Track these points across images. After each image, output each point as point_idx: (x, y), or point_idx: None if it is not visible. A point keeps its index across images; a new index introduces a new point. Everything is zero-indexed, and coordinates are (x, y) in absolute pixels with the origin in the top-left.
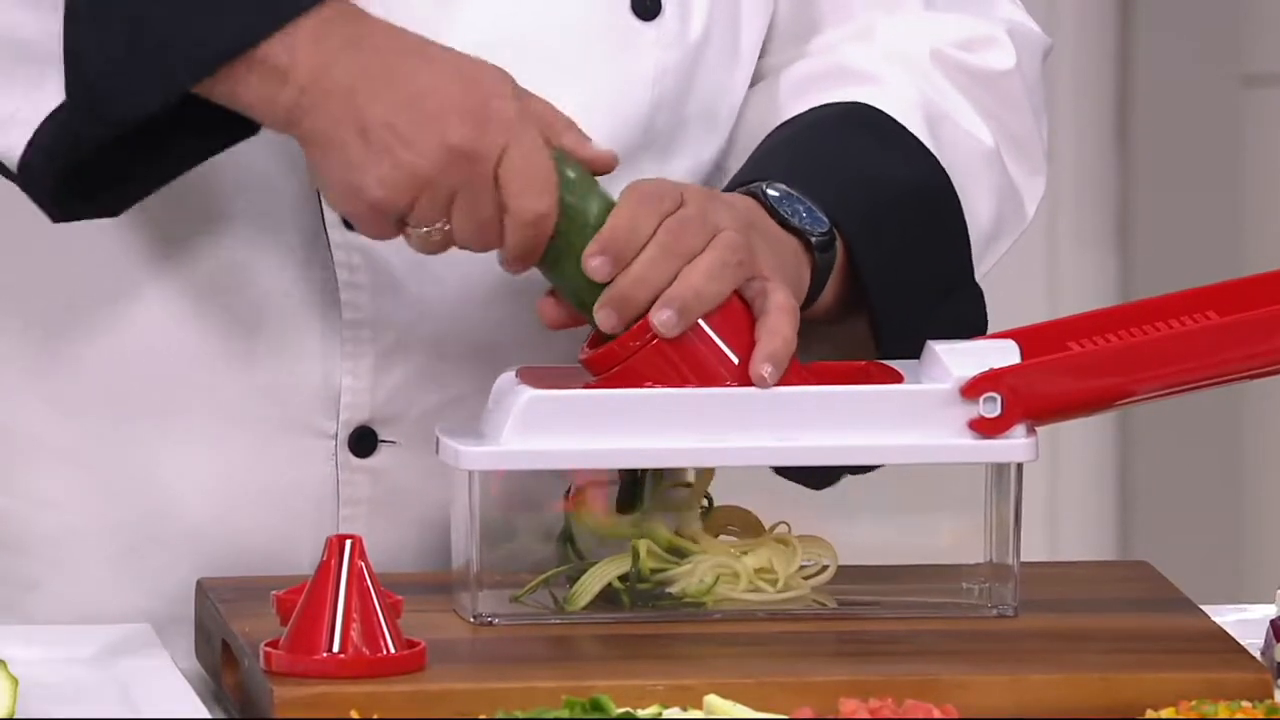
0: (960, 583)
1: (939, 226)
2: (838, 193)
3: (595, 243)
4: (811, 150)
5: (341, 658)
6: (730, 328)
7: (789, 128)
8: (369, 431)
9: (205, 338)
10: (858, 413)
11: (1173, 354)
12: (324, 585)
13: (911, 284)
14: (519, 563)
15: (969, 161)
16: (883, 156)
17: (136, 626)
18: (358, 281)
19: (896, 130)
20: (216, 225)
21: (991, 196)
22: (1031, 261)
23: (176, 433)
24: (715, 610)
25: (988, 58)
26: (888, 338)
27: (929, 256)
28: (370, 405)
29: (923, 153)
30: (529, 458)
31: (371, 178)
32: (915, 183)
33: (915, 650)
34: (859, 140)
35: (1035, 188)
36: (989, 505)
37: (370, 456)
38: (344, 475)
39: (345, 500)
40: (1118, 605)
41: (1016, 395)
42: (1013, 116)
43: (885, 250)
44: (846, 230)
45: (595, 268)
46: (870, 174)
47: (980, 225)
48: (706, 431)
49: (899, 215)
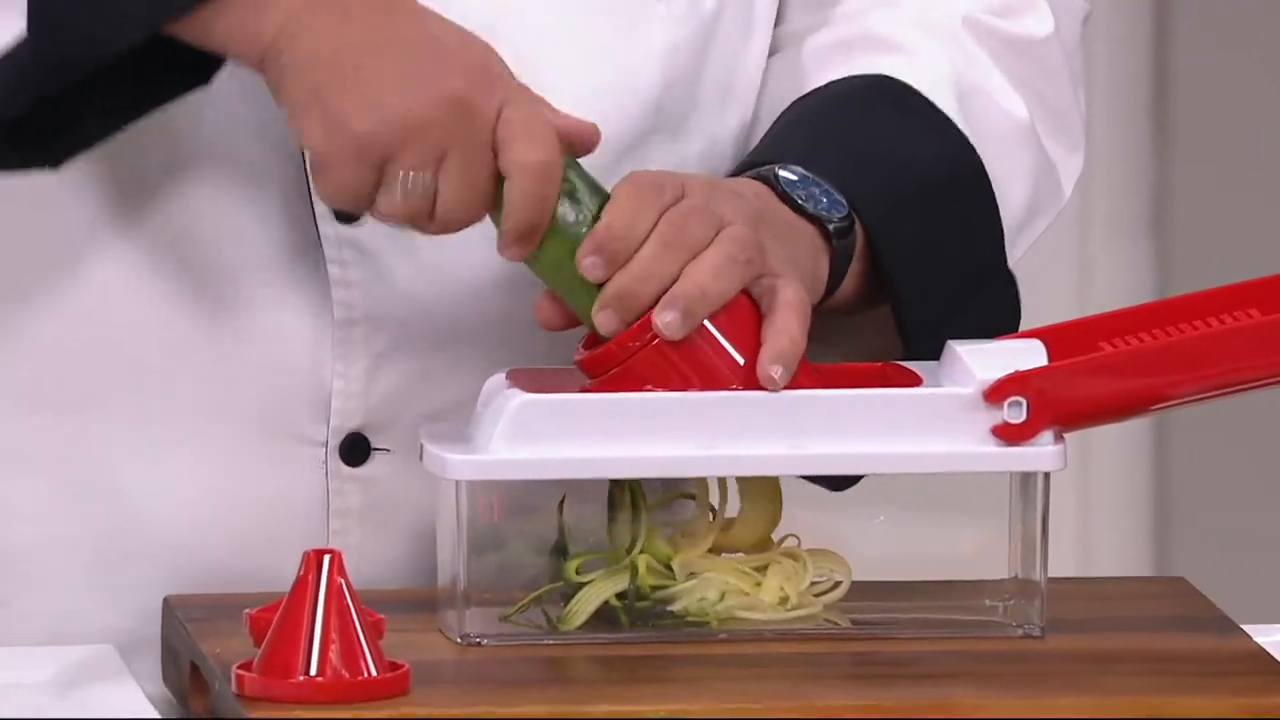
0: (983, 600)
1: (969, 211)
2: (857, 173)
3: (589, 241)
4: (830, 127)
5: (319, 681)
6: (737, 327)
7: (807, 102)
8: (361, 438)
9: (184, 337)
10: (873, 418)
11: (1213, 355)
12: (300, 603)
13: (938, 273)
14: (509, 579)
15: (1003, 139)
16: (908, 134)
17: (99, 648)
18: (350, 278)
19: (924, 106)
20: (195, 217)
21: (1026, 176)
22: (1060, 254)
23: (151, 439)
24: (720, 630)
25: (1025, 23)
26: (913, 332)
27: (958, 243)
28: (363, 410)
29: (953, 131)
30: (520, 467)
31: (359, 110)
32: (943, 164)
33: (934, 673)
34: (882, 117)
35: (1073, 165)
36: (1014, 517)
37: (362, 465)
38: (334, 485)
39: (335, 512)
40: (1152, 625)
41: (1043, 399)
42: (1050, 88)
43: (909, 236)
44: (867, 215)
45: (589, 268)
46: (894, 154)
47: (1013, 208)
48: (711, 438)
49: (925, 198)
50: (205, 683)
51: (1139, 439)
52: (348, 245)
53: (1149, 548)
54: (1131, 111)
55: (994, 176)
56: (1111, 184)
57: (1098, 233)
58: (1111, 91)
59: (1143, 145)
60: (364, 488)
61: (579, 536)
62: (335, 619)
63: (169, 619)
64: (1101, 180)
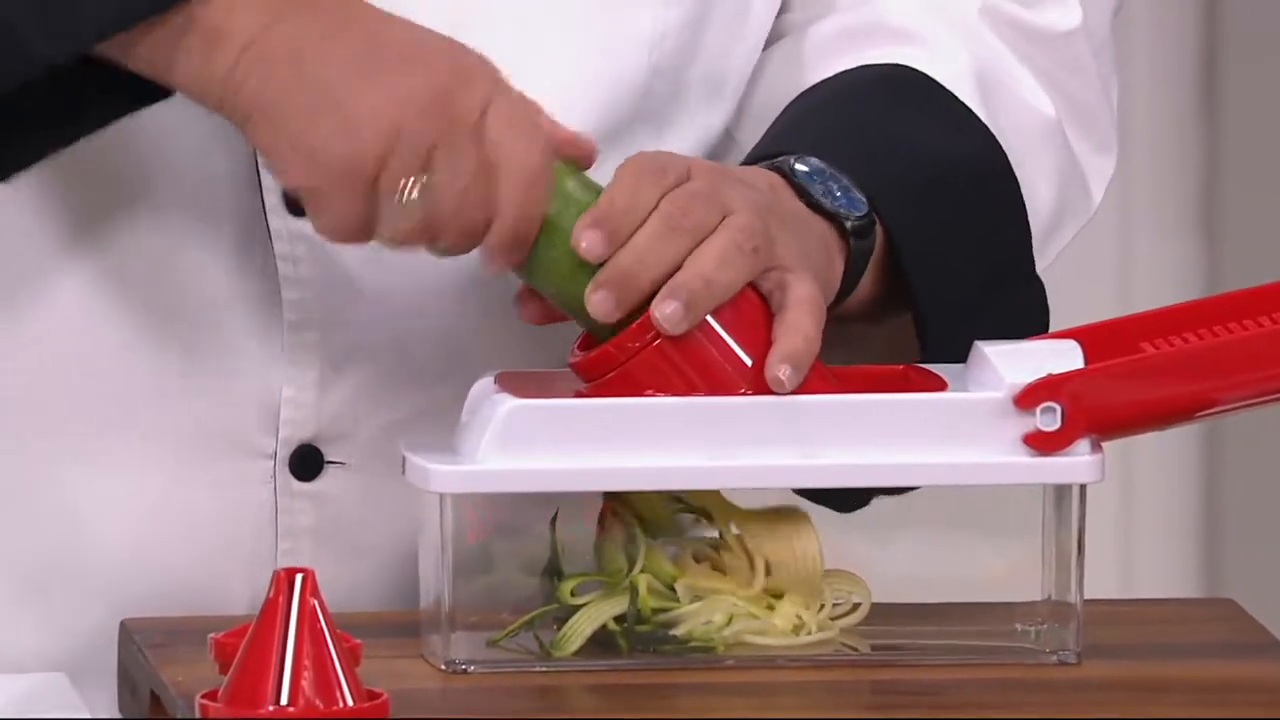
0: (1014, 624)
1: (994, 209)
2: (875, 167)
3: (588, 215)
4: (844, 119)
5: (291, 712)
6: (744, 325)
7: (816, 94)
8: (313, 450)
9: (122, 341)
10: (894, 425)
11: (1264, 356)
12: (270, 627)
13: (961, 275)
14: (498, 601)
15: (1027, 136)
16: (929, 128)
17: (49, 676)
18: (302, 276)
19: (945, 98)
20: (134, 209)
21: (1053, 177)
22: (1100, 249)
23: (89, 451)
24: (728, 656)
25: (1049, 15)
26: (933, 338)
27: (982, 244)
28: (315, 420)
29: (975, 124)
30: (510, 478)
31: (332, 136)
32: (966, 158)
33: (960, 703)
34: (901, 109)
35: (1103, 167)
36: (1047, 534)
37: (315, 480)
38: (283, 502)
39: (285, 531)
40: (1200, 651)
41: (1079, 405)
42: (1078, 84)
43: (930, 235)
44: (886, 213)
45: (587, 245)
46: (914, 148)
47: (1040, 211)
48: (717, 447)
49: (947, 196)
50: (167, 713)
51: (1185, 448)
52: (299, 240)
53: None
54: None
55: (1020, 176)
56: (1156, 176)
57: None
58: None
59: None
60: (316, 504)
61: (574, 555)
62: (308, 644)
63: (126, 644)
64: (1145, 172)
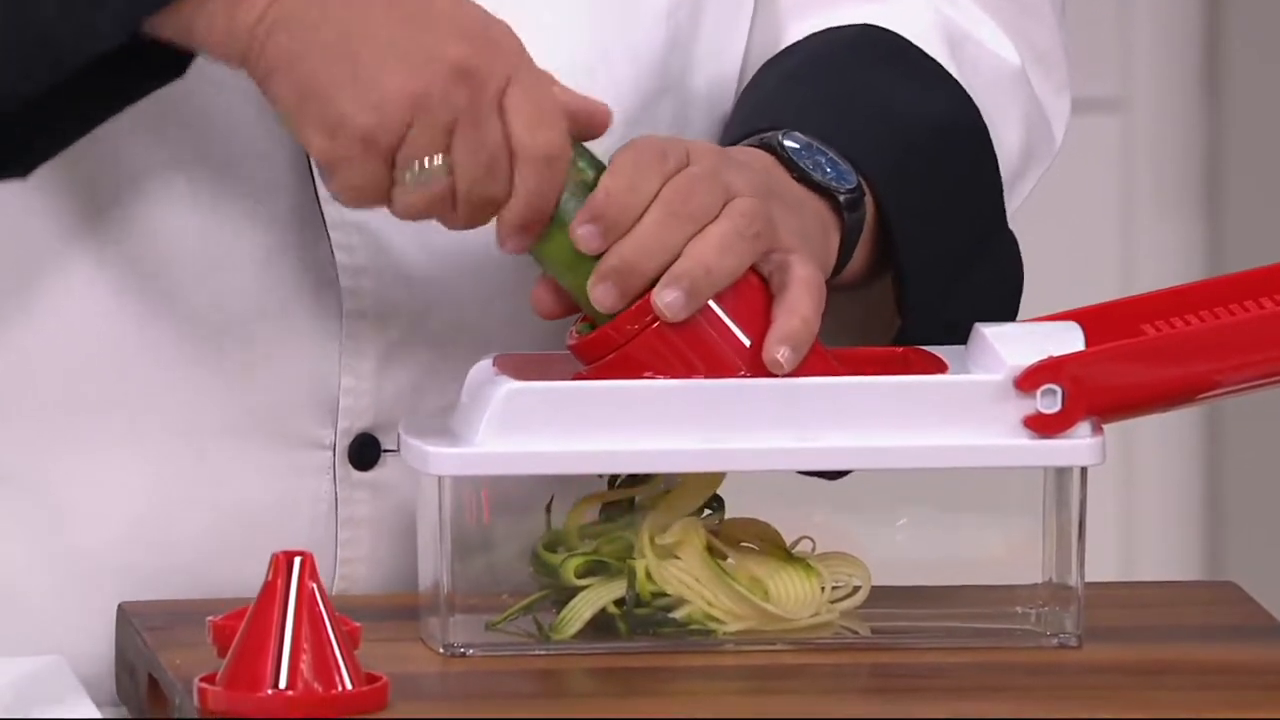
0: (1014, 607)
1: (970, 164)
2: (856, 132)
3: (585, 209)
4: (822, 84)
5: (289, 695)
6: (744, 308)
7: (789, 61)
8: (372, 439)
9: (176, 335)
10: (893, 408)
11: (1268, 337)
12: (269, 610)
13: (944, 236)
14: (497, 584)
15: (996, 86)
16: (903, 87)
17: (47, 659)
18: (358, 265)
19: (916, 56)
20: (187, 203)
21: (1020, 124)
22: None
23: (144, 445)
24: (727, 639)
25: None
26: (917, 297)
27: (962, 202)
28: (374, 409)
29: (947, 80)
30: (509, 460)
31: (356, 103)
32: (942, 117)
33: (960, 686)
34: (875, 71)
35: (1062, 107)
36: (1048, 516)
37: (373, 469)
38: (343, 492)
39: (345, 521)
40: (1200, 633)
41: (1080, 387)
42: (1036, 26)
43: (914, 194)
44: (870, 174)
45: (583, 237)
46: (892, 110)
47: (1009, 158)
48: (716, 429)
49: (926, 153)
50: (165, 697)
51: (1187, 431)
52: (354, 229)
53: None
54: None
55: (990, 125)
56: (1158, 154)
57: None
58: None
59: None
60: (374, 493)
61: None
62: (307, 627)
63: (124, 628)
64: (1146, 150)
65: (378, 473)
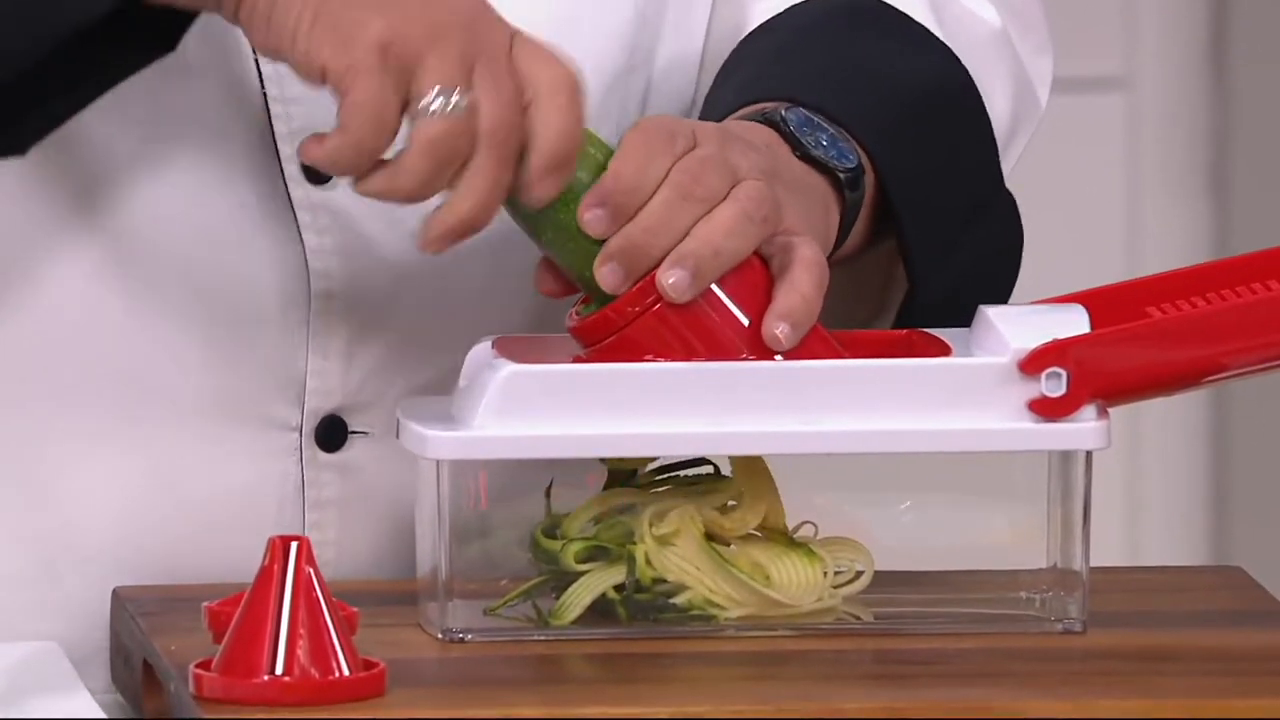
0: (1019, 592)
1: (962, 127)
2: (855, 103)
3: (593, 192)
4: (816, 57)
5: (286, 681)
6: (747, 290)
7: (778, 32)
8: (339, 421)
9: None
10: (896, 390)
11: (1273, 321)
12: (265, 595)
13: (943, 202)
14: (496, 569)
15: (981, 49)
16: (896, 54)
17: (42, 645)
18: (326, 246)
19: (901, 20)
20: (152, 183)
21: (1007, 86)
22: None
23: (106, 426)
24: (728, 625)
25: None
26: (920, 264)
27: (956, 162)
28: (341, 391)
29: (934, 44)
30: (508, 444)
31: (375, 12)
32: (933, 81)
33: (964, 672)
34: (863, 37)
35: (1043, 68)
36: (1052, 501)
37: (340, 450)
38: (310, 473)
39: (312, 503)
40: (1207, 619)
41: (1085, 370)
42: None
43: (912, 167)
44: (867, 143)
45: (591, 220)
46: (887, 75)
47: (999, 122)
48: (718, 413)
49: (919, 119)
50: (159, 683)
51: (1193, 414)
52: (322, 210)
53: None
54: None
55: (979, 88)
56: (1164, 134)
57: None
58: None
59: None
60: (342, 475)
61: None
62: (304, 613)
63: (118, 613)
64: (1152, 130)
65: (345, 454)
